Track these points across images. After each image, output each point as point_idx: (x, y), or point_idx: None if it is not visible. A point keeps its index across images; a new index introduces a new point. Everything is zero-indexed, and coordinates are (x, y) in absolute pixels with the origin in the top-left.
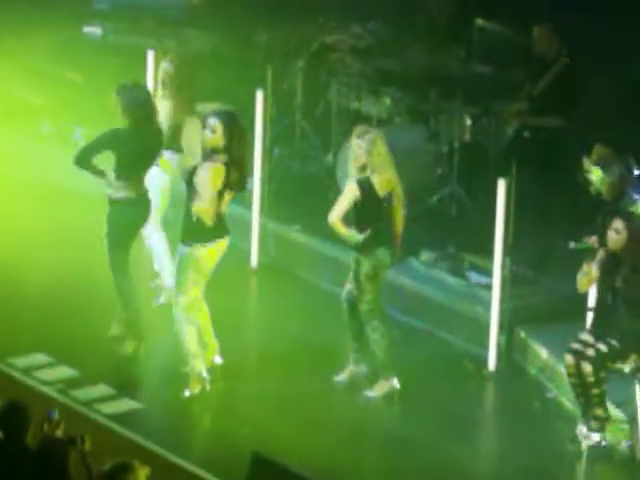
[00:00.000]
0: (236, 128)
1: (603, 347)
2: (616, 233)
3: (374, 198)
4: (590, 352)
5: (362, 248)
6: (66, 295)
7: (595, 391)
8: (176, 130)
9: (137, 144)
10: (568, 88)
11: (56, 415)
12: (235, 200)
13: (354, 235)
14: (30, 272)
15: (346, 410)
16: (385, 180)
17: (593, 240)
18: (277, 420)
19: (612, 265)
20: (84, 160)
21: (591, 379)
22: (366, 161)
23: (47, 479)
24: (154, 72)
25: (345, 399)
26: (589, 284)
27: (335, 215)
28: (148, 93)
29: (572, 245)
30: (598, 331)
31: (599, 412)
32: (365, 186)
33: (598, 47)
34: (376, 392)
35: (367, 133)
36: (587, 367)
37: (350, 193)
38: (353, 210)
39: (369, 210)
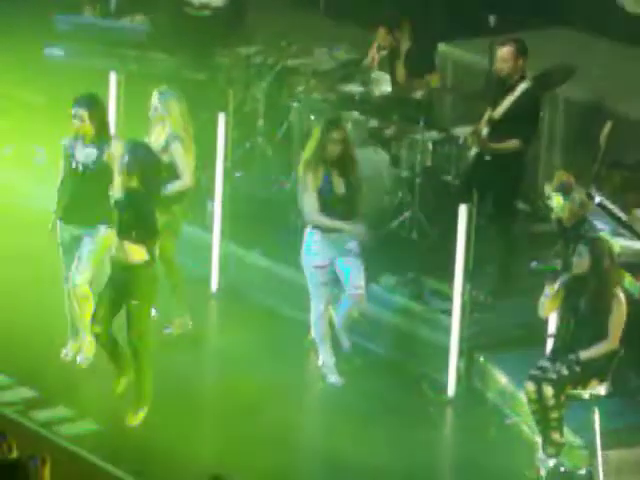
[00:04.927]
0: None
1: (564, 371)
2: (579, 257)
3: None
4: (552, 375)
5: None
6: (25, 315)
7: (554, 415)
8: None
9: None
10: (529, 111)
11: (7, 437)
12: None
13: None
14: None
15: (304, 431)
16: None
17: (556, 262)
18: (236, 442)
19: (575, 289)
20: None
21: (551, 402)
22: None
23: None
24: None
25: (305, 421)
26: (552, 308)
27: None
28: None
29: (534, 265)
30: (559, 356)
31: (556, 437)
32: None
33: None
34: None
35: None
36: (548, 390)
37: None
38: None
39: None
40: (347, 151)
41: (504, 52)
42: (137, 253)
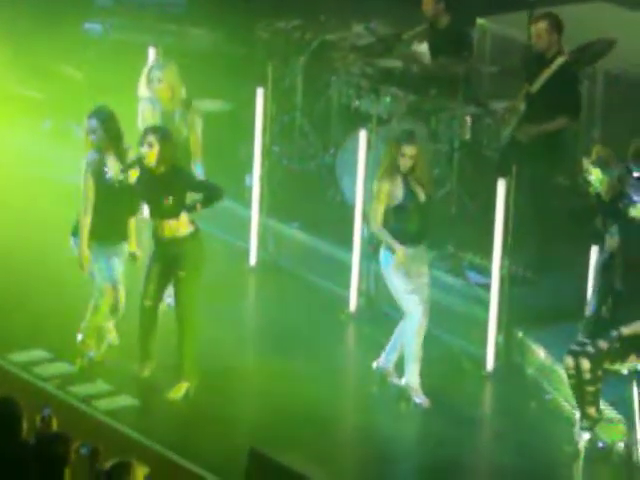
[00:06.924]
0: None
1: (603, 345)
2: (611, 236)
3: None
4: (590, 349)
5: None
6: (67, 292)
7: (590, 389)
8: None
9: None
10: (566, 86)
11: (49, 412)
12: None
13: None
14: (32, 268)
15: (342, 405)
16: None
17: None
18: (275, 417)
19: (611, 267)
20: None
21: (588, 376)
22: None
23: (47, 472)
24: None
25: (342, 396)
26: None
27: None
28: None
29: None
30: (598, 331)
31: (591, 411)
32: None
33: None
34: None
35: None
36: (585, 363)
37: None
38: None
39: None
40: (419, 165)
41: (538, 28)
42: (183, 226)
